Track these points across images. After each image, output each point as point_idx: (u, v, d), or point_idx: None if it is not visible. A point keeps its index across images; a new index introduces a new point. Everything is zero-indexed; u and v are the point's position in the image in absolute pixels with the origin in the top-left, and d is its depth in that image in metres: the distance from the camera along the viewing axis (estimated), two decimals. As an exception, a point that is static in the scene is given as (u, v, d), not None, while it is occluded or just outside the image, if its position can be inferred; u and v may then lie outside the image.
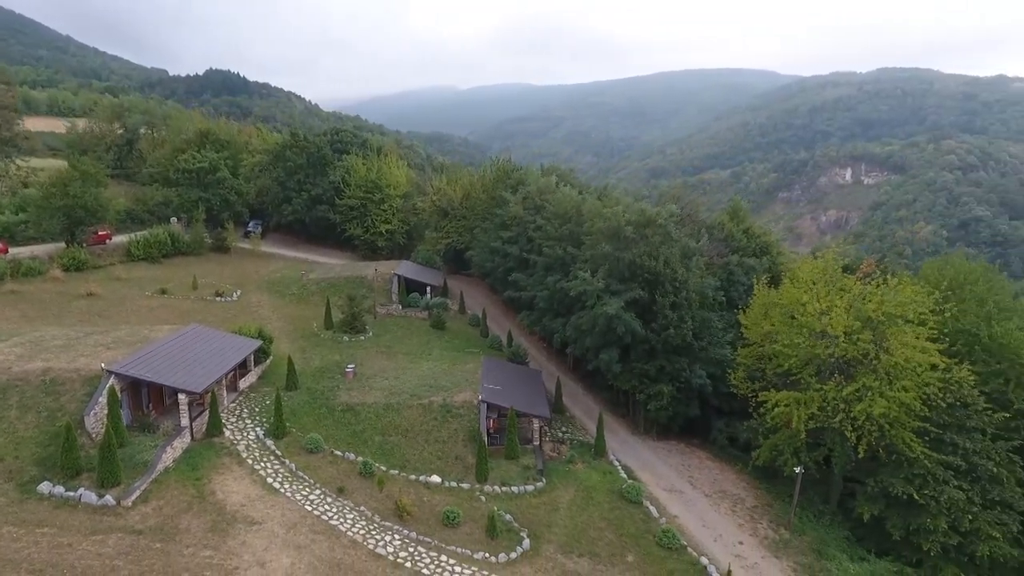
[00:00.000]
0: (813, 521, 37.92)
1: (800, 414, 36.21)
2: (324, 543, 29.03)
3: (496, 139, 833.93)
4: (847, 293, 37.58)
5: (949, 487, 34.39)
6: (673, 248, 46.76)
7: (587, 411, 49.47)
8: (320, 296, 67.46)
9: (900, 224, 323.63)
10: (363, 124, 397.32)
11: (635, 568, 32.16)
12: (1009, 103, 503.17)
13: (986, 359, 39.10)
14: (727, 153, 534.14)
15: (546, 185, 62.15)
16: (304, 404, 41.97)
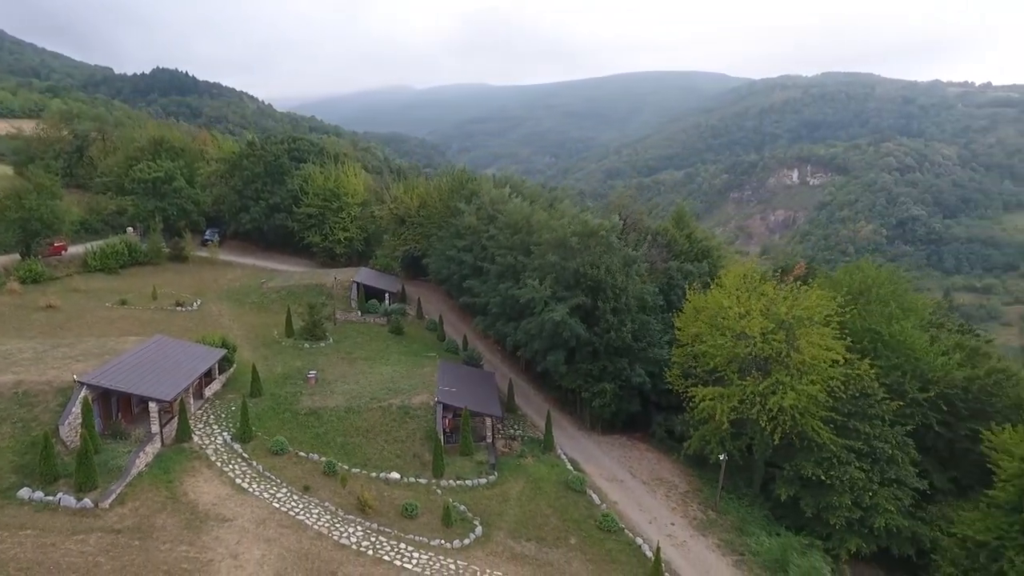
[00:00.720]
0: (737, 503, 42.23)
1: (723, 407, 40.43)
2: (292, 536, 31.71)
3: (455, 140, 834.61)
4: (764, 298, 41.98)
5: (852, 468, 39.01)
6: (614, 257, 50.64)
7: (537, 409, 52.91)
8: (280, 304, 69.35)
9: (843, 223, 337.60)
10: (319, 125, 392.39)
11: (577, 549, 35.72)
12: (944, 107, 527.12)
13: (887, 354, 44.05)
14: (681, 154, 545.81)
15: (499, 196, 65.54)
16: (268, 409, 44.31)
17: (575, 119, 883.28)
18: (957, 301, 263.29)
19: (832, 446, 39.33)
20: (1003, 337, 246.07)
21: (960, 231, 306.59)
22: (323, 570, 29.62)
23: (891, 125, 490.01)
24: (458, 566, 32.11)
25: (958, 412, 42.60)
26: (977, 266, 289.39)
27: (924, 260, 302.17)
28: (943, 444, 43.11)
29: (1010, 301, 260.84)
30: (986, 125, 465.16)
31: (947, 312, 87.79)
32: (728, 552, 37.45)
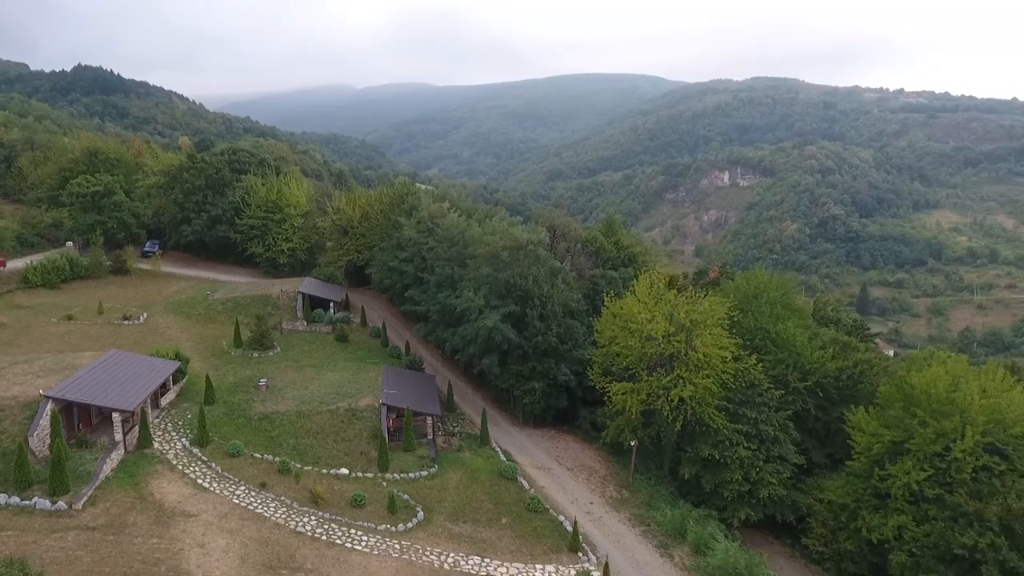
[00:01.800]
0: (647, 483, 48.36)
1: (634, 400, 46.48)
2: (252, 527, 35.69)
3: (395, 140, 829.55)
4: (667, 304, 48.22)
5: (742, 448, 45.59)
6: (541, 268, 56.17)
7: (475, 407, 57.87)
8: (226, 315, 71.91)
9: (770, 223, 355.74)
10: (254, 126, 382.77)
11: (508, 528, 40.91)
12: (862, 112, 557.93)
13: (774, 350, 51.03)
14: (619, 156, 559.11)
15: (437, 211, 70.15)
16: (223, 416, 47.72)
17: (516, 120, 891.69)
18: (873, 295, 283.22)
19: (725, 430, 45.82)
20: (913, 328, 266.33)
21: (875, 229, 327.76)
22: (282, 554, 33.80)
23: (814, 129, 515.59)
24: (402, 546, 36.79)
25: (832, 398, 49.96)
26: (890, 262, 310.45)
27: (843, 257, 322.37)
28: (820, 425, 50.38)
29: (919, 294, 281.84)
30: (898, 129, 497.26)
31: (845, 308, 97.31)
32: (637, 524, 43.45)
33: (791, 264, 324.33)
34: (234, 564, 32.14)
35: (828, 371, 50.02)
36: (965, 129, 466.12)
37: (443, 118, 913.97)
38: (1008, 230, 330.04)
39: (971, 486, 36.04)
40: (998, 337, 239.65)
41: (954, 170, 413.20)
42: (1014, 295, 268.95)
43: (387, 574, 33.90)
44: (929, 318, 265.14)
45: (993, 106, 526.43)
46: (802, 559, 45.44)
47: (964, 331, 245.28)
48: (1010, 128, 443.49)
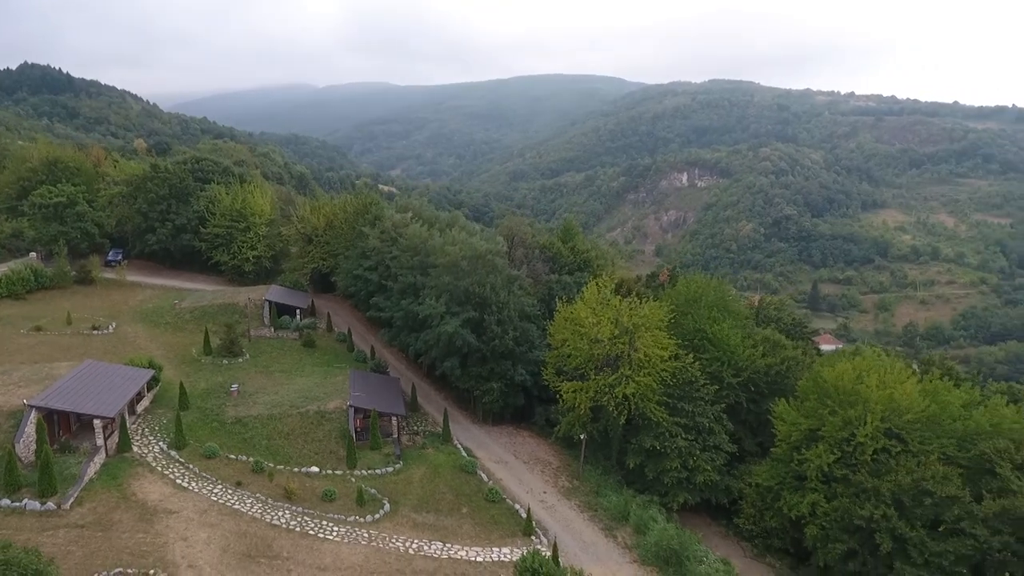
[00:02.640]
0: (596, 473, 52.75)
1: (583, 397, 50.80)
2: (231, 521, 38.77)
3: (357, 141, 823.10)
4: (612, 309, 52.64)
5: (680, 439, 50.23)
6: (498, 277, 60.12)
7: (437, 407, 61.44)
8: (195, 324, 74.00)
9: (727, 223, 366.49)
10: (211, 127, 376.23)
11: (468, 517, 44.74)
12: (813, 115, 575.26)
13: (711, 349, 55.88)
14: (581, 157, 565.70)
15: (401, 221, 73.46)
16: (197, 420, 50.40)
17: (479, 121, 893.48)
18: (824, 292, 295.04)
19: (665, 423, 50.41)
20: (861, 323, 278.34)
21: (826, 228, 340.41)
22: (260, 544, 37.01)
23: (769, 131, 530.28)
24: (370, 535, 40.31)
25: (762, 391, 55.03)
26: (840, 260, 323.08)
27: (796, 255, 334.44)
28: (752, 416, 55.42)
29: (866, 291, 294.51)
30: (848, 132, 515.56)
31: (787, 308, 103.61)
32: (586, 510, 47.76)
33: (747, 263, 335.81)
34: (216, 554, 35.26)
35: (758, 367, 55.08)
36: (910, 132, 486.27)
37: (406, 118, 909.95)
38: (948, 228, 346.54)
39: (871, 466, 41.20)
40: (939, 331, 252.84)
41: (899, 171, 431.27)
42: (953, 291, 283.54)
43: (357, 560, 37.37)
44: (876, 314, 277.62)
45: (936, 109, 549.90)
46: (735, 537, 50.30)
47: (908, 326, 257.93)
48: (951, 131, 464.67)
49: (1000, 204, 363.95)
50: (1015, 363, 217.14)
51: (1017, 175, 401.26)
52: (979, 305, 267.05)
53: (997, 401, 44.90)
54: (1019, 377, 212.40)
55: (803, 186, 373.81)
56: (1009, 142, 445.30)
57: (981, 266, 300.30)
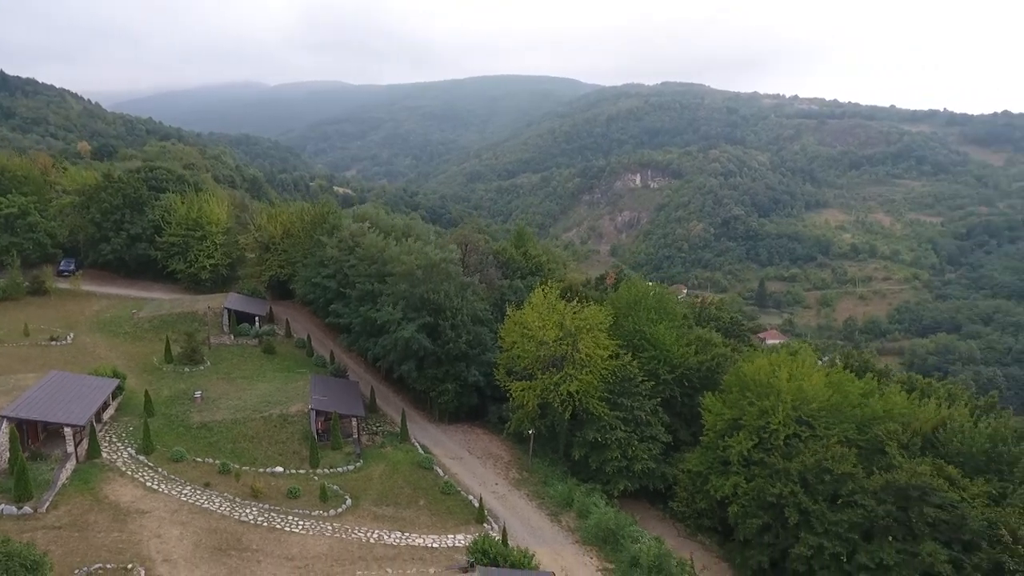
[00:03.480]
0: (544, 465, 56.99)
1: (531, 396, 54.94)
2: (201, 519, 41.50)
3: (310, 141, 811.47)
4: (557, 313, 56.93)
5: (620, 431, 54.78)
6: (452, 284, 63.82)
7: (395, 408, 64.72)
8: (154, 333, 75.41)
9: (679, 223, 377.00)
10: (158, 127, 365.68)
11: (425, 508, 48.33)
12: (760, 117, 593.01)
13: (648, 348, 60.70)
14: (537, 158, 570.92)
15: (358, 230, 76.40)
16: (163, 426, 52.61)
17: (435, 121, 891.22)
18: (770, 289, 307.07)
19: (607, 417, 54.92)
20: (804, 319, 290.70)
21: (772, 228, 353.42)
22: (230, 539, 39.89)
23: (718, 133, 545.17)
24: (334, 527, 43.54)
25: (695, 385, 60.07)
26: (785, 258, 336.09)
27: (744, 254, 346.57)
28: (686, 409, 60.41)
29: (810, 288, 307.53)
30: (793, 134, 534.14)
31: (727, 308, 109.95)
32: (534, 498, 51.93)
33: (698, 262, 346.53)
34: (189, 549, 38.03)
35: (691, 364, 60.16)
36: (850, 134, 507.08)
37: (360, 118, 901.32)
38: (885, 227, 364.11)
39: (784, 450, 46.38)
40: (876, 324, 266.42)
41: (840, 172, 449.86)
42: (889, 286, 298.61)
43: (322, 549, 40.59)
44: (818, 309, 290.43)
45: (874, 113, 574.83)
46: (671, 519, 55.07)
47: (848, 320, 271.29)
48: (887, 134, 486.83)
49: (932, 204, 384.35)
50: (944, 354, 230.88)
51: (947, 176, 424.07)
52: (912, 300, 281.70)
53: (892, 390, 50.89)
54: (947, 367, 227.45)
55: (750, 187, 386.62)
56: (940, 144, 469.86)
57: (914, 263, 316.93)
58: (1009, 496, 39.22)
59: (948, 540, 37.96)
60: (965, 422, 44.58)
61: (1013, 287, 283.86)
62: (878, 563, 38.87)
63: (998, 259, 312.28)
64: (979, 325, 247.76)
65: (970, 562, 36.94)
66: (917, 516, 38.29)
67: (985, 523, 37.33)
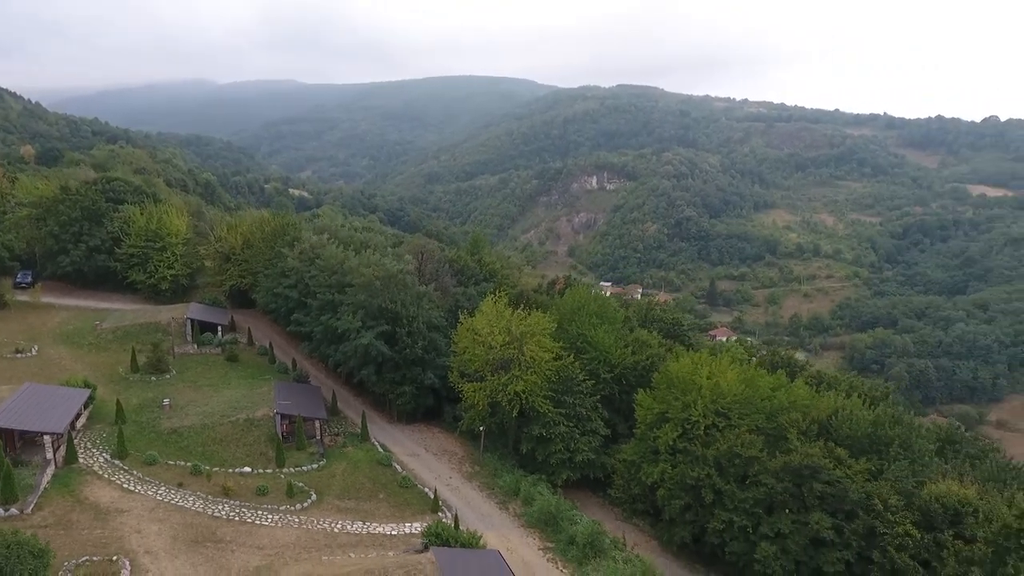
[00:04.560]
0: (494, 459, 62.15)
1: (482, 396, 60.02)
2: (177, 516, 45.31)
3: (264, 141, 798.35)
4: (504, 319, 62.13)
5: (563, 426, 60.26)
6: (408, 294, 68.43)
7: (356, 411, 68.90)
8: (118, 344, 77.79)
9: (634, 224, 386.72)
10: (104, 128, 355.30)
11: (384, 501, 52.93)
12: (712, 120, 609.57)
13: (589, 350, 66.41)
14: (495, 160, 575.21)
15: (318, 242, 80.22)
16: (135, 432, 55.86)
17: (393, 121, 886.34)
18: (720, 288, 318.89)
19: (551, 414, 60.33)
20: (753, 316, 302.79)
21: (722, 228, 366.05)
22: (205, 532, 43.86)
23: (671, 136, 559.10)
24: (300, 520, 47.83)
25: (631, 383, 65.97)
26: (735, 258, 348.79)
27: (696, 254, 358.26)
28: (624, 405, 66.24)
29: (758, 286, 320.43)
30: (742, 137, 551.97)
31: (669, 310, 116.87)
32: (485, 489, 57.05)
33: (652, 262, 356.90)
34: (167, 542, 41.91)
35: (628, 364, 66.09)
36: (796, 137, 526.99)
37: (316, 118, 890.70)
38: (828, 227, 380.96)
39: (703, 438, 52.48)
40: (819, 321, 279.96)
41: (787, 174, 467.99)
42: (832, 284, 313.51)
43: (290, 539, 44.88)
44: (766, 307, 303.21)
45: (819, 116, 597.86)
46: (609, 505, 60.76)
47: (793, 317, 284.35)
48: (831, 137, 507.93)
49: (872, 204, 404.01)
50: (881, 348, 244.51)
51: (886, 178, 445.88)
52: (853, 297, 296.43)
53: (799, 384, 57.73)
54: (884, 360, 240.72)
55: (702, 189, 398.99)
56: (879, 147, 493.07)
57: (855, 261, 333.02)
58: (885, 472, 45.95)
59: (833, 510, 44.43)
60: (855, 410, 51.38)
61: (943, 283, 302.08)
62: (776, 532, 45.18)
63: (930, 257, 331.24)
64: (913, 320, 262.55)
65: (849, 528, 43.47)
66: (808, 491, 44.71)
67: (864, 495, 43.87)
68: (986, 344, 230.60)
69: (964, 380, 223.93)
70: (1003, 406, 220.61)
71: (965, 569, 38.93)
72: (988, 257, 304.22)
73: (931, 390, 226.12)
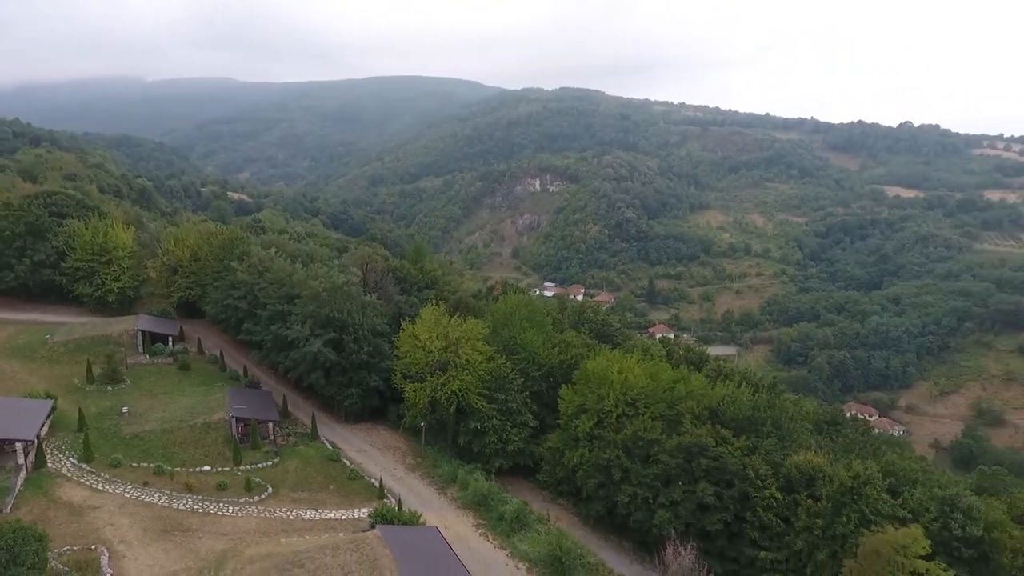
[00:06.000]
0: (435, 451, 68.97)
1: (422, 395, 66.72)
2: (145, 510, 50.41)
3: (199, 142, 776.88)
4: (441, 326, 69.00)
5: (496, 420, 67.50)
6: (353, 303, 74.42)
7: (306, 413, 74.38)
8: (70, 356, 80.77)
9: (576, 225, 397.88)
10: (27, 129, 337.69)
11: (335, 491, 59.03)
12: (650, 124, 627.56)
13: (520, 351, 73.89)
14: (440, 162, 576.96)
15: (266, 256, 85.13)
16: (98, 438, 60.14)
17: (333, 122, 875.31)
18: (659, 287, 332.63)
19: (485, 409, 67.45)
20: (689, 313, 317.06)
21: (660, 229, 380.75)
22: (172, 523, 49.17)
23: (612, 139, 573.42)
24: (259, 510, 53.54)
25: (558, 380, 73.74)
26: (672, 257, 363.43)
27: (636, 254, 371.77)
28: (551, 399, 73.77)
29: (694, 284, 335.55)
30: (679, 140, 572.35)
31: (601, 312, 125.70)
32: (426, 478, 63.85)
33: (594, 262, 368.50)
34: (139, 532, 47.11)
35: (554, 363, 73.91)
36: (729, 141, 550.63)
37: (253, 117, 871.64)
38: (759, 227, 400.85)
39: (615, 425, 60.66)
40: (749, 316, 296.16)
41: (721, 176, 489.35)
42: (761, 281, 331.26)
43: (251, 526, 50.61)
44: (701, 304, 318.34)
45: (751, 121, 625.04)
46: (538, 488, 68.34)
47: (725, 313, 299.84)
48: (761, 141, 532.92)
49: (798, 205, 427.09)
50: (805, 341, 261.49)
51: (811, 180, 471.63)
52: (780, 293, 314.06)
53: (697, 376, 66.80)
54: (808, 352, 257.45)
55: (641, 191, 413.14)
56: (806, 151, 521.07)
57: (782, 259, 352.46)
58: (759, 447, 54.94)
59: (716, 481, 53.07)
60: (740, 397, 60.47)
61: (861, 279, 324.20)
62: (671, 501, 53.65)
63: (851, 255, 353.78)
64: (834, 314, 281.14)
65: (728, 494, 52.22)
66: (696, 466, 53.27)
67: (740, 467, 52.66)
68: (897, 335, 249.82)
69: (878, 369, 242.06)
70: (912, 392, 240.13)
71: (812, 522, 48.10)
72: (900, 254, 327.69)
73: (849, 379, 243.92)
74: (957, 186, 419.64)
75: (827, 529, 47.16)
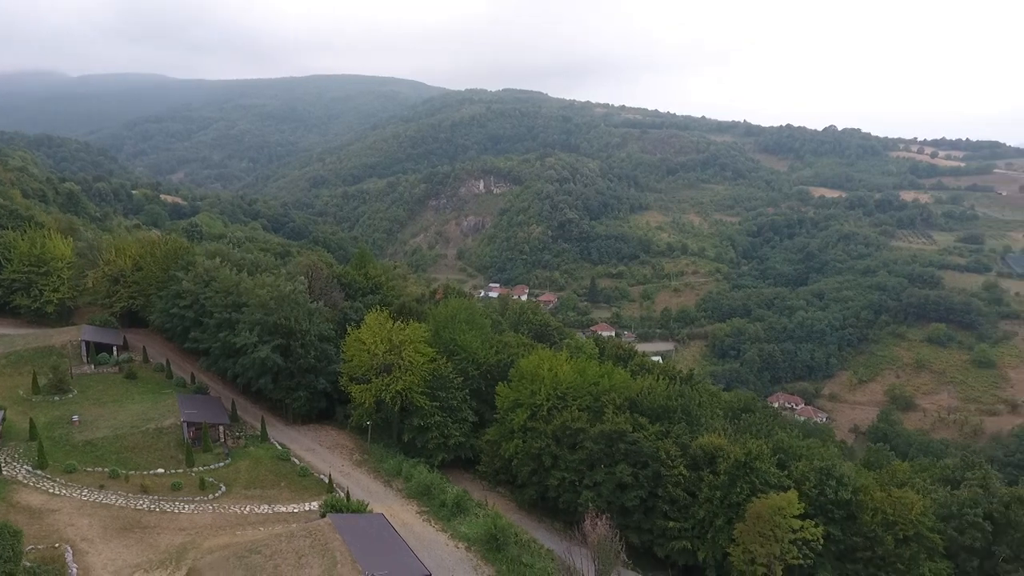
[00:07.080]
0: (381, 448, 73.46)
1: (368, 396, 71.12)
2: (103, 511, 53.28)
3: (128, 141, 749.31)
4: (385, 331, 73.56)
5: (437, 416, 72.47)
6: (300, 310, 78.06)
7: (255, 416, 77.54)
8: (12, 368, 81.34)
9: (520, 227, 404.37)
10: None
11: (286, 488, 62.86)
12: (592, 126, 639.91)
13: (461, 352, 79.07)
14: (383, 163, 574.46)
15: (212, 266, 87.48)
16: (50, 446, 62.08)
17: (273, 121, 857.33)
18: (601, 286, 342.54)
19: (427, 407, 72.32)
20: (629, 311, 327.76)
21: (602, 230, 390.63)
22: (131, 521, 52.28)
23: (555, 140, 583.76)
24: (214, 507, 57.02)
25: (496, 378, 79.28)
26: (613, 257, 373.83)
27: (578, 254, 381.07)
28: (490, 396, 79.06)
29: (634, 283, 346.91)
30: (620, 142, 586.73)
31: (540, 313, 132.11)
32: (372, 473, 68.33)
33: (538, 263, 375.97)
34: (100, 531, 50.13)
35: (492, 362, 79.44)
36: (667, 143, 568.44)
37: (186, 116, 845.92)
38: (696, 227, 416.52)
39: (546, 417, 66.66)
40: (686, 313, 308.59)
41: (660, 177, 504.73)
42: (698, 279, 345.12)
43: (207, 522, 54.15)
44: (641, 302, 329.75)
45: (688, 123, 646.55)
46: (478, 479, 73.65)
47: (664, 311, 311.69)
48: (697, 143, 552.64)
49: (732, 205, 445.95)
50: (737, 335, 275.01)
51: (744, 181, 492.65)
52: (715, 290, 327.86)
53: (620, 371, 73.63)
54: (740, 346, 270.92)
55: (583, 192, 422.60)
56: (739, 153, 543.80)
57: (717, 258, 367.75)
58: (671, 432, 61.90)
59: (633, 463, 59.72)
60: (656, 388, 67.45)
61: (789, 276, 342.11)
62: (594, 482, 60.04)
63: (779, 252, 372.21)
64: (764, 309, 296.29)
65: (643, 474, 58.98)
66: (616, 450, 59.82)
67: (654, 449, 59.44)
68: (821, 328, 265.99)
69: (804, 360, 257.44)
70: (834, 381, 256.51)
71: (712, 493, 55.26)
72: (824, 252, 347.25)
73: (778, 370, 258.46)
74: (876, 186, 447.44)
75: (724, 499, 54.37)
